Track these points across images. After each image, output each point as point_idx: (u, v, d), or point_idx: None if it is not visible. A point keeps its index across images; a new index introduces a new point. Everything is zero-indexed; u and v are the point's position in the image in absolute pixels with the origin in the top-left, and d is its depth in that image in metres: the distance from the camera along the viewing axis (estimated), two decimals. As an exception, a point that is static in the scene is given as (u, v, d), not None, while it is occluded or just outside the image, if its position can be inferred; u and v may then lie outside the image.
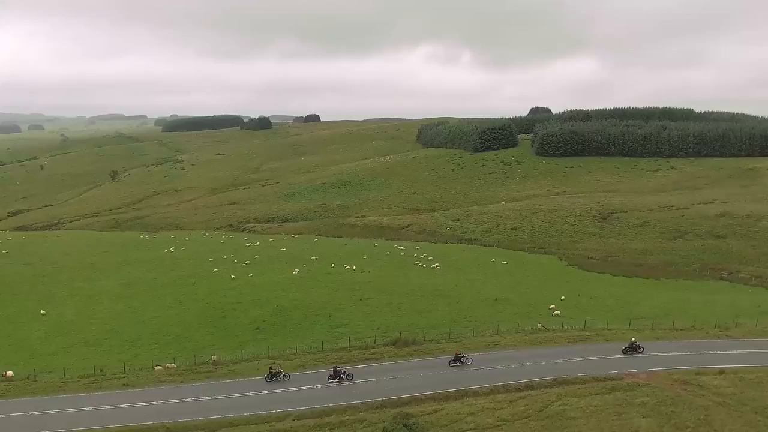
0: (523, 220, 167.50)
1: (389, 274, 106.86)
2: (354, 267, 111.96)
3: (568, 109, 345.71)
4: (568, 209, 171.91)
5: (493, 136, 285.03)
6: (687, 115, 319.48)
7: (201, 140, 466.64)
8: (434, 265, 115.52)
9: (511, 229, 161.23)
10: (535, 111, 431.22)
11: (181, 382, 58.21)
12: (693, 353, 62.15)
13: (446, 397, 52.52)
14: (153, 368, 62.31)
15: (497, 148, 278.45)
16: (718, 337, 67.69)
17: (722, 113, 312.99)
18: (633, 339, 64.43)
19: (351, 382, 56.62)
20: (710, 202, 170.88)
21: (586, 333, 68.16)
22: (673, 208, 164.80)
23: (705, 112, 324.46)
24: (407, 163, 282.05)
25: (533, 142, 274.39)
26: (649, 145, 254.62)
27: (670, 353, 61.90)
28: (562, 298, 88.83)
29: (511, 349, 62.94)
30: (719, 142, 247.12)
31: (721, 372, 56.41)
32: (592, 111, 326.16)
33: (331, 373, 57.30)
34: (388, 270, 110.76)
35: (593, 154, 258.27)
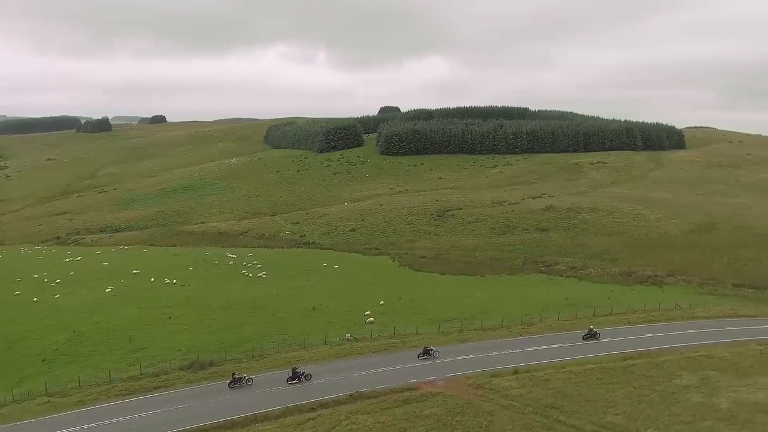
0: (362, 220, 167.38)
1: (211, 286, 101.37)
2: (174, 281, 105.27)
3: (413, 108, 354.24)
4: (407, 208, 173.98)
5: (339, 136, 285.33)
6: (523, 113, 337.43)
7: (30, 144, 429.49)
8: (261, 274, 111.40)
9: (350, 230, 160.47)
10: (384, 110, 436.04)
11: (-75, 437, 50.32)
12: (494, 354, 62.90)
13: (234, 425, 48.95)
14: None
15: (343, 148, 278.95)
16: (520, 335, 69.28)
17: (553, 112, 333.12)
18: (591, 326, 69.45)
19: (309, 382, 56.88)
20: (539, 197, 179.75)
21: (394, 341, 67.10)
22: (506, 203, 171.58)
23: (538, 110, 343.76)
24: (253, 165, 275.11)
25: (378, 141, 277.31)
26: (487, 143, 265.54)
27: (472, 356, 62.20)
28: (381, 302, 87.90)
29: (313, 364, 60.44)
30: (549, 138, 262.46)
31: (515, 372, 57.23)
32: (436, 110, 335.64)
33: (290, 375, 57.38)
34: (211, 282, 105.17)
35: (436, 152, 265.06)
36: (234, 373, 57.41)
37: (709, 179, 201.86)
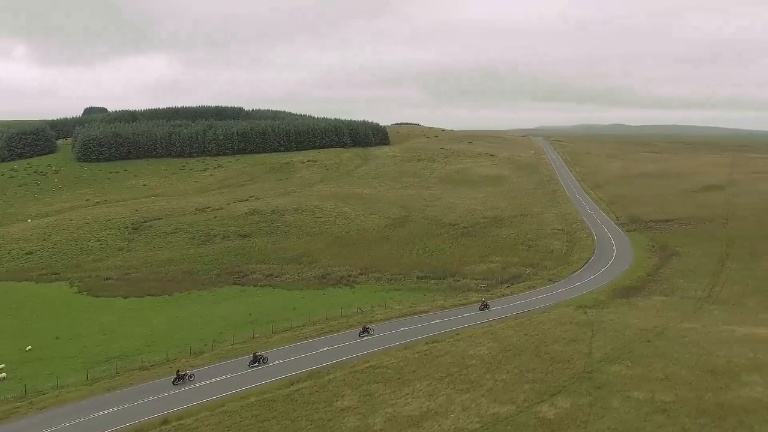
0: (44, 240, 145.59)
1: None
2: None
3: (119, 110, 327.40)
4: (101, 221, 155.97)
5: (26, 142, 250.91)
6: (237, 113, 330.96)
7: None
8: None
9: (27, 253, 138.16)
10: (90, 111, 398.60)
11: None
12: (146, 400, 53.97)
13: None
14: None
15: (31, 156, 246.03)
16: (181, 371, 61.19)
17: (267, 111, 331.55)
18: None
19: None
20: (245, 200, 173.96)
21: (18, 405, 54.54)
22: (209, 209, 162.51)
23: (253, 110, 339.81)
24: None
25: (74, 147, 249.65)
26: (196, 145, 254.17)
27: (116, 408, 52.53)
28: (29, 348, 73.65)
29: None
30: (261, 138, 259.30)
31: (164, 422, 48.91)
32: (143, 111, 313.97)
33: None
34: None
35: (141, 156, 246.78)
36: (178, 370, 57.95)
37: (408, 173, 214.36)
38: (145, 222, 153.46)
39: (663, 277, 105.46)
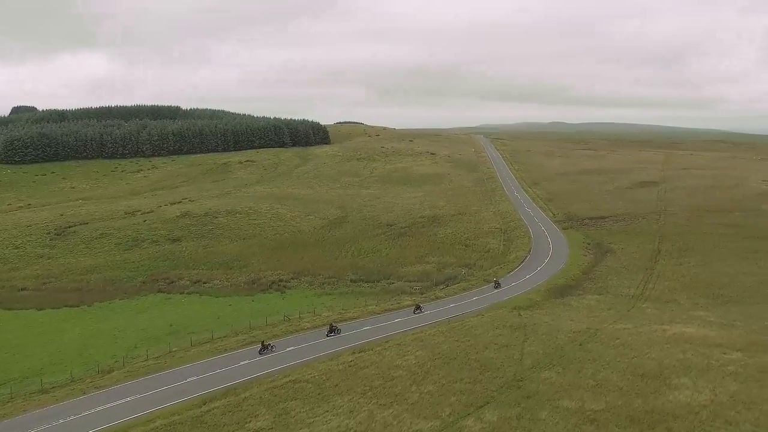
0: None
1: None
2: None
3: (47, 108, 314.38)
4: (21, 227, 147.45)
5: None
6: (174, 113, 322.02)
7: None
8: None
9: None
10: (18, 111, 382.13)
11: None
12: (39, 429, 49.23)
13: None
14: None
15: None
16: (85, 393, 56.34)
17: (205, 110, 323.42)
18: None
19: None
20: (178, 202, 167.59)
21: None
22: (139, 213, 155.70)
23: (190, 109, 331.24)
24: None
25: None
26: (129, 146, 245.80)
27: (5, 438, 47.91)
28: None
29: None
30: (197, 138, 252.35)
31: (57, 452, 44.72)
32: (73, 111, 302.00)
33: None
34: None
35: (70, 158, 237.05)
36: (263, 341, 64.05)
37: (347, 172, 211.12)
38: (69, 227, 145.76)
39: (597, 275, 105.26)
